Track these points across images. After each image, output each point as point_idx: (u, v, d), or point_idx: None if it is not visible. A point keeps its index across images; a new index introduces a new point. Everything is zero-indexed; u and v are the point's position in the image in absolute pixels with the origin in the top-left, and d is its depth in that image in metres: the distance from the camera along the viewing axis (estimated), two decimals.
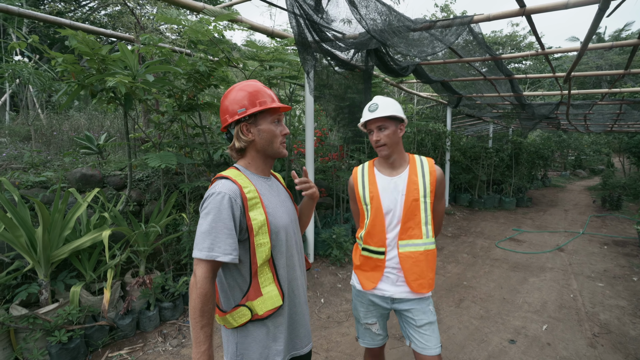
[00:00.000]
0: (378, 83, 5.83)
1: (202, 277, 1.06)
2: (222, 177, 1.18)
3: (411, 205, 1.56)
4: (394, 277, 1.61)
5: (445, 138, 8.07)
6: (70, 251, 2.54)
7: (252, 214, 1.14)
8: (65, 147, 5.09)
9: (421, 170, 1.61)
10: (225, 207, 1.09)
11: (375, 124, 1.58)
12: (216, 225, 1.07)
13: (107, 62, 2.51)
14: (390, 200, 1.59)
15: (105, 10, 11.00)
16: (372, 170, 1.69)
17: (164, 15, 2.68)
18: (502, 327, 3.16)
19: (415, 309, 1.62)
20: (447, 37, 3.16)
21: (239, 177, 1.19)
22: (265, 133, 1.24)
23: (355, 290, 1.76)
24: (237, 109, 1.20)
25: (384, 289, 1.63)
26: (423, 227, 1.58)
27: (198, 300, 1.05)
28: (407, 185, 1.58)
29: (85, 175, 3.60)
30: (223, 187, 1.12)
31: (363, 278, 1.68)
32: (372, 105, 1.60)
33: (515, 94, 5.94)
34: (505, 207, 8.71)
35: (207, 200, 1.12)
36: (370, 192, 1.63)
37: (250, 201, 1.15)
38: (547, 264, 4.84)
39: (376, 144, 1.60)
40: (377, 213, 1.60)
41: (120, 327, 2.67)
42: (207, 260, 1.07)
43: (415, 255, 1.57)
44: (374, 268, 1.64)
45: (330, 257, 4.73)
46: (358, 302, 1.75)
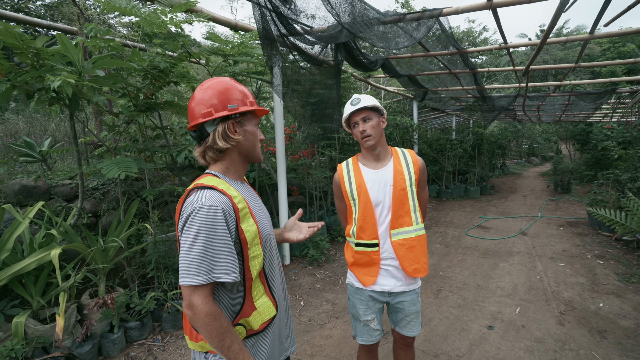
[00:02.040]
0: (346, 78, 5.77)
1: (204, 303, 0.95)
2: (203, 187, 1.02)
3: (399, 194, 1.61)
4: (392, 268, 1.64)
5: (413, 131, 8.24)
6: (9, 276, 2.20)
7: (244, 226, 1.04)
8: (0, 154, 4.50)
9: (404, 161, 1.67)
10: (220, 222, 0.96)
11: (359, 115, 1.62)
12: (212, 243, 0.95)
13: (44, 56, 2.18)
14: (378, 192, 1.62)
15: (42, 0, 9.93)
16: (356, 165, 1.71)
17: (112, 3, 2.39)
18: (479, 314, 3.23)
19: (407, 301, 1.69)
20: (417, 30, 3.14)
21: (223, 185, 1.05)
22: (250, 135, 1.14)
23: (354, 288, 1.75)
24: (226, 103, 1.07)
25: (383, 284, 1.66)
26: (412, 215, 1.63)
27: (211, 326, 0.95)
28: (394, 176, 1.63)
29: (26, 187, 3.18)
30: (212, 199, 0.98)
31: (361, 274, 1.69)
32: (354, 100, 1.64)
33: (478, 86, 6.15)
34: (470, 195, 9.09)
35: (193, 215, 0.96)
36: (357, 187, 1.65)
37: (241, 212, 1.04)
38: (514, 249, 5.08)
39: (362, 135, 1.62)
40: (366, 206, 1.62)
41: (78, 355, 2.37)
42: (205, 285, 0.96)
43: (408, 241, 1.62)
44: (369, 262, 1.66)
45: (307, 258, 4.62)
46: (357, 300, 1.74)
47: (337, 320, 3.18)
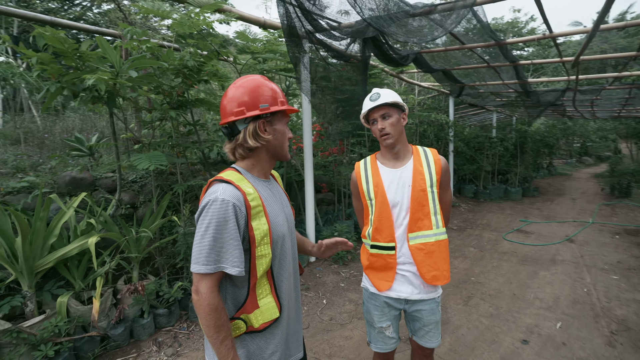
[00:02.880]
0: (377, 74, 5.64)
1: (208, 292, 0.98)
2: (221, 180, 1.06)
3: (419, 195, 1.52)
4: (409, 274, 1.56)
5: (449, 129, 7.87)
6: (55, 260, 2.41)
7: (255, 223, 1.05)
8: (58, 149, 4.96)
9: (426, 160, 1.58)
10: (230, 216, 0.99)
11: (378, 112, 1.54)
12: (221, 235, 0.99)
13: (86, 58, 2.35)
14: (396, 193, 1.54)
15: (99, 8, 10.82)
16: (375, 163, 1.64)
17: (147, 8, 2.51)
18: (513, 325, 3.01)
19: (426, 310, 1.60)
20: (449, 22, 2.96)
21: (241, 181, 1.08)
22: (280, 134, 1.16)
23: (368, 292, 1.68)
24: (258, 102, 1.09)
25: (400, 290, 1.58)
26: (432, 218, 1.54)
27: (210, 316, 0.98)
28: (414, 176, 1.54)
29: (75, 179, 3.46)
30: (225, 193, 1.01)
31: (376, 279, 1.62)
32: (373, 95, 1.56)
33: (520, 81, 5.71)
34: (511, 197, 8.52)
35: (207, 207, 1.01)
36: (374, 186, 1.58)
37: (253, 209, 1.05)
38: (558, 256, 4.68)
39: (381, 133, 1.54)
40: (382, 207, 1.55)
41: (112, 337, 2.56)
42: (213, 273, 0.99)
43: (427, 246, 1.53)
44: (385, 266, 1.58)
45: (332, 256, 4.59)
46: (372, 306, 1.67)
47: (358, 321, 3.13)
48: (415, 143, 7.92)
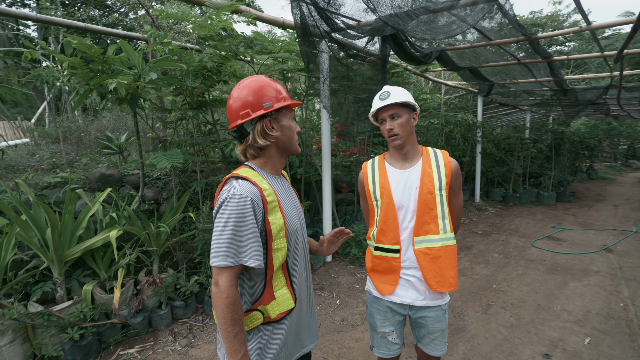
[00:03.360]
0: (400, 72, 5.52)
1: (227, 286, 1.02)
2: (238, 177, 1.10)
3: (426, 198, 1.47)
4: (413, 279, 1.52)
5: (476, 129, 7.55)
6: (82, 250, 2.58)
7: (271, 218, 1.09)
8: (93, 147, 5.30)
9: (435, 162, 1.53)
10: (248, 211, 1.03)
11: (387, 112, 1.50)
12: (241, 229, 1.03)
13: (110, 62, 2.49)
14: (402, 194, 1.51)
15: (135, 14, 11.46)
16: (382, 163, 1.61)
17: (167, 11, 2.62)
18: (535, 338, 2.84)
19: (431, 318, 1.56)
20: (472, 16, 2.84)
21: (257, 177, 1.12)
22: (288, 129, 1.19)
23: (371, 296, 1.66)
24: (261, 102, 1.12)
25: (403, 295, 1.54)
26: (440, 222, 1.49)
27: (227, 309, 1.01)
28: (421, 178, 1.50)
29: (104, 175, 3.69)
30: (243, 189, 1.05)
31: (379, 282, 1.59)
32: (382, 94, 1.52)
33: (555, 78, 5.37)
34: (543, 202, 8.04)
35: (226, 202, 1.05)
36: (380, 187, 1.54)
37: (270, 204, 1.09)
38: (592, 267, 4.35)
39: (389, 134, 1.51)
40: (388, 208, 1.51)
41: (132, 325, 2.70)
42: (232, 267, 1.03)
43: (433, 251, 1.49)
44: (389, 270, 1.55)
45: (349, 256, 4.57)
46: (374, 309, 1.64)
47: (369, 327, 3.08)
48: (441, 144, 7.68)
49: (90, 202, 2.77)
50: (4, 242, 2.45)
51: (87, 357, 2.42)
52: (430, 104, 7.35)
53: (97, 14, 11.72)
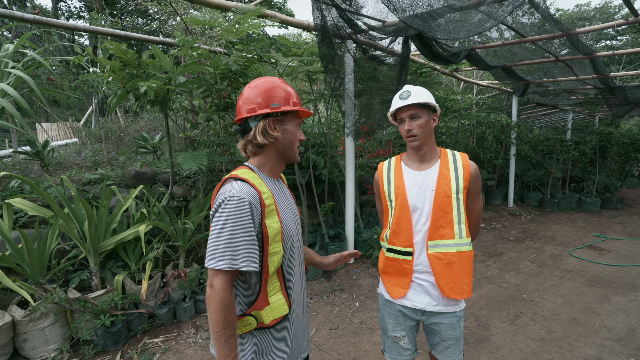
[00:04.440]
0: (427, 72, 5.38)
1: (222, 288, 1.01)
2: (237, 178, 1.09)
3: (442, 201, 1.44)
4: (426, 284, 1.49)
5: (511, 130, 7.17)
6: (115, 243, 2.77)
7: (268, 221, 1.08)
8: (131, 146, 5.67)
9: (454, 165, 1.49)
10: (246, 213, 1.02)
11: (407, 112, 1.47)
12: (238, 232, 1.01)
13: (143, 66, 2.66)
14: (417, 196, 1.48)
15: (175, 20, 12.16)
16: (399, 164, 1.58)
17: (196, 18, 2.75)
18: (568, 354, 2.65)
19: (445, 324, 1.51)
20: (500, 12, 2.71)
21: (255, 179, 1.11)
22: (290, 134, 1.18)
23: (383, 299, 1.64)
24: (269, 102, 1.13)
25: (415, 300, 1.51)
26: (455, 227, 1.45)
27: (220, 312, 1.00)
28: (438, 180, 1.46)
29: (138, 173, 3.93)
30: (242, 191, 1.04)
31: (390, 285, 1.57)
32: (403, 93, 1.49)
33: (599, 75, 4.98)
34: (585, 208, 7.46)
35: (224, 204, 1.03)
36: (395, 188, 1.53)
37: (267, 208, 1.08)
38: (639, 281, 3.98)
39: (407, 134, 1.48)
40: (402, 209, 1.49)
41: (158, 315, 2.85)
42: (228, 270, 1.01)
43: (447, 257, 1.45)
44: (401, 272, 1.53)
45: (371, 259, 4.52)
46: (386, 313, 1.62)
47: (381, 330, 3.03)
48: (472, 146, 7.38)
49: (123, 198, 2.97)
50: (49, 232, 2.69)
51: (116, 343, 2.59)
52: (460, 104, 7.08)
53: (141, 22, 12.56)
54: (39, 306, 2.36)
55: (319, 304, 3.46)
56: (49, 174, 3.84)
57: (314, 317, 3.20)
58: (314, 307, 3.40)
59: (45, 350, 2.46)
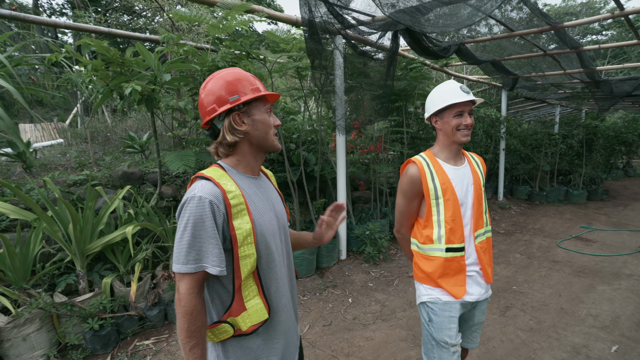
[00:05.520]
0: (417, 67, 5.38)
1: (187, 293, 0.95)
2: (202, 177, 1.03)
3: (479, 193, 1.55)
4: (475, 274, 1.54)
5: (500, 125, 7.25)
6: (102, 245, 2.71)
7: (237, 222, 1.01)
8: (118, 146, 5.56)
9: (474, 161, 1.64)
10: (207, 215, 0.96)
11: (469, 106, 1.50)
12: (200, 234, 0.96)
13: (127, 64, 2.59)
14: (461, 191, 1.53)
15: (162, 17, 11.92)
16: (435, 161, 1.57)
17: (181, 14, 2.69)
18: (556, 343, 2.70)
19: (481, 310, 1.61)
20: (489, 5, 2.72)
21: (223, 178, 1.04)
22: (261, 124, 1.09)
23: (441, 303, 1.51)
24: (227, 96, 1.04)
25: (472, 293, 1.53)
26: (484, 216, 1.58)
27: (183, 319, 0.95)
28: (473, 174, 1.57)
29: (126, 173, 3.85)
30: (203, 190, 0.98)
31: (450, 286, 1.50)
32: (463, 86, 1.52)
33: (585, 69, 5.05)
34: (573, 200, 7.60)
35: (186, 205, 0.98)
36: (442, 184, 1.51)
37: (234, 208, 1.01)
38: (624, 270, 4.08)
39: (465, 128, 1.50)
40: (454, 205, 1.50)
41: (148, 317, 2.81)
42: (193, 274, 0.96)
43: (483, 244, 1.57)
44: (457, 271, 1.52)
45: (363, 255, 4.53)
46: (446, 318, 1.49)
47: (382, 322, 3.05)
48: None
49: (109, 200, 2.91)
50: (32, 236, 2.62)
51: (106, 346, 2.55)
52: None
53: (126, 19, 12.28)
54: (24, 312, 2.30)
55: (312, 300, 3.46)
56: (32, 176, 3.73)
57: (307, 314, 3.20)
58: (307, 304, 3.39)
59: (31, 356, 2.40)
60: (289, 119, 4.89)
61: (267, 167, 4.96)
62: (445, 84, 1.52)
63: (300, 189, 5.13)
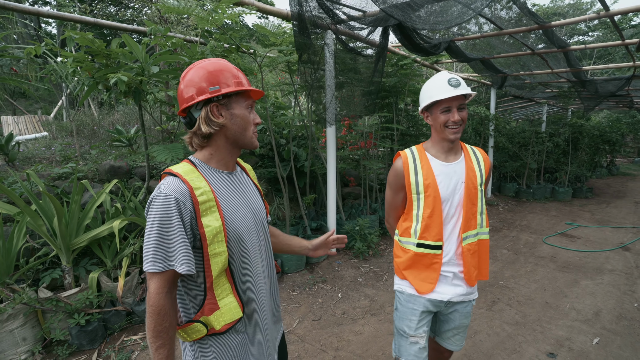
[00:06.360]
0: (408, 64, 5.41)
1: (154, 293, 0.93)
2: (170, 173, 1.00)
3: (471, 193, 1.46)
4: (450, 275, 1.49)
5: (489, 122, 7.35)
6: (89, 239, 2.67)
7: (205, 220, 0.98)
8: (105, 140, 5.45)
9: (475, 157, 1.54)
10: (173, 212, 0.94)
11: (457, 101, 1.41)
12: (167, 232, 0.94)
13: (114, 56, 2.53)
14: (447, 188, 1.46)
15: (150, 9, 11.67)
16: (424, 155, 1.52)
17: (169, 5, 2.64)
18: (540, 336, 2.77)
19: (462, 313, 1.56)
20: (479, 3, 2.74)
21: (191, 174, 1.01)
22: (239, 119, 1.06)
23: (405, 294, 1.55)
24: (207, 86, 1.01)
25: (442, 292, 1.50)
26: (479, 217, 1.50)
27: (151, 319, 0.93)
28: (467, 172, 1.47)
29: (113, 167, 3.78)
30: (169, 187, 0.95)
31: (417, 280, 1.51)
32: (452, 80, 1.40)
33: (572, 69, 5.15)
34: (558, 198, 7.79)
35: (152, 203, 0.96)
36: (424, 179, 1.46)
37: (202, 205, 0.98)
38: (606, 265, 4.20)
39: (453, 125, 1.42)
40: (434, 202, 1.45)
41: (136, 312, 2.78)
42: (161, 273, 0.94)
43: (473, 246, 1.50)
44: (429, 266, 1.50)
45: (353, 250, 4.56)
46: (409, 310, 1.53)
47: (371, 317, 3.08)
48: None
49: (96, 194, 2.85)
50: (15, 230, 2.55)
51: (93, 342, 2.51)
52: None
53: (113, 10, 11.98)
54: (6, 307, 2.24)
55: (302, 295, 3.47)
56: (15, 169, 3.64)
57: (297, 309, 3.21)
58: (296, 299, 3.40)
59: (15, 352, 2.35)
60: (280, 114, 4.86)
61: (256, 162, 4.93)
62: (435, 77, 1.46)
63: (291, 185, 5.12)
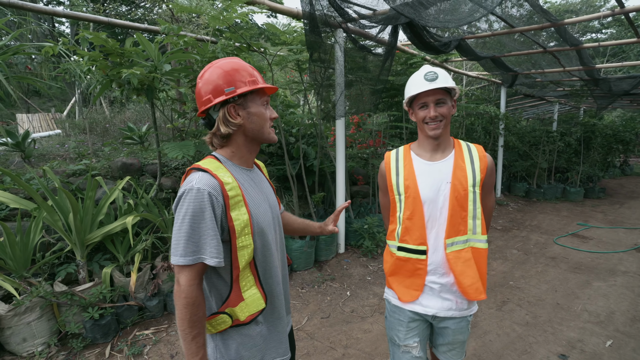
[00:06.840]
0: (418, 63, 5.37)
1: (187, 285, 0.96)
2: (199, 168, 1.03)
3: (458, 195, 1.32)
4: (437, 287, 1.37)
5: (499, 121, 7.27)
6: (102, 235, 2.72)
7: (234, 213, 1.02)
8: (117, 137, 5.53)
9: (469, 156, 1.38)
10: (206, 206, 0.97)
11: (433, 96, 1.31)
12: (198, 226, 0.96)
13: (127, 54, 2.57)
14: (430, 189, 1.35)
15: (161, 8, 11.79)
16: (408, 154, 1.44)
17: (182, 5, 2.67)
18: (551, 337, 2.74)
19: (454, 329, 1.42)
20: (490, 2, 2.71)
21: (220, 170, 1.04)
22: (256, 117, 1.09)
23: (391, 305, 1.49)
24: (223, 87, 1.04)
25: (427, 305, 1.39)
26: (470, 222, 1.34)
27: (185, 310, 0.96)
28: (454, 172, 1.34)
29: (125, 164, 3.84)
30: (201, 182, 0.98)
31: (400, 287, 1.42)
32: (429, 74, 1.31)
33: (585, 67, 5.06)
34: (570, 198, 7.66)
35: (184, 196, 0.98)
36: (405, 179, 1.38)
37: (232, 199, 1.02)
38: (620, 267, 4.13)
39: (431, 121, 1.33)
40: (415, 203, 1.35)
41: (148, 307, 2.83)
42: (192, 265, 0.97)
43: (462, 254, 1.35)
44: (413, 273, 1.39)
45: (361, 248, 4.56)
46: (395, 320, 1.46)
47: (380, 315, 3.08)
48: (462, 137, 7.46)
49: (109, 190, 2.91)
50: (32, 225, 2.62)
51: (106, 335, 2.56)
52: None
53: (125, 10, 12.14)
54: (24, 300, 2.30)
55: (311, 293, 3.48)
56: (31, 166, 3.72)
57: (306, 307, 3.22)
58: (305, 296, 3.42)
59: (32, 344, 2.41)
60: (289, 113, 4.88)
61: (266, 160, 4.96)
62: (415, 73, 1.37)
63: (300, 183, 5.13)
